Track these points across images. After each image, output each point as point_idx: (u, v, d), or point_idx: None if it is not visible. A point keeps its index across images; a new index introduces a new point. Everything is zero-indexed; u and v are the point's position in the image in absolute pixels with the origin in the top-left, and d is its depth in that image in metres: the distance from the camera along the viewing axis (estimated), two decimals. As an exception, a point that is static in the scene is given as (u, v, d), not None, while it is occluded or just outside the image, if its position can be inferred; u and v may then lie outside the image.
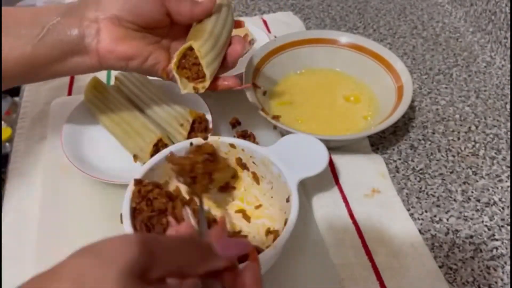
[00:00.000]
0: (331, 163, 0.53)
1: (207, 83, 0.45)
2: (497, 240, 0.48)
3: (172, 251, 0.25)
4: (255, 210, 0.47)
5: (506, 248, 0.47)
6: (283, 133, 0.53)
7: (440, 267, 0.45)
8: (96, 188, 0.51)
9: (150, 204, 0.42)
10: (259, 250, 0.42)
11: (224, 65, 0.47)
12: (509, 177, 0.54)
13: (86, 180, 0.51)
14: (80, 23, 0.42)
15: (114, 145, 0.54)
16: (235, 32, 0.50)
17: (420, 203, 0.51)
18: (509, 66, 0.68)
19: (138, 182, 0.43)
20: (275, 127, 0.56)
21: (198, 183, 0.43)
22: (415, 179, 0.54)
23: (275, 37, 0.65)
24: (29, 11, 0.43)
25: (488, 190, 0.53)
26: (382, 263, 0.45)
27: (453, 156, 0.56)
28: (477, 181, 0.54)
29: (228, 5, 0.49)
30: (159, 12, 0.44)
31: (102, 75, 0.66)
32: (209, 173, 0.44)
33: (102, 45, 0.43)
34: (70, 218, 0.49)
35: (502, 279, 0.45)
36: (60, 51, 0.42)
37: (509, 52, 0.68)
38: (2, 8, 0.43)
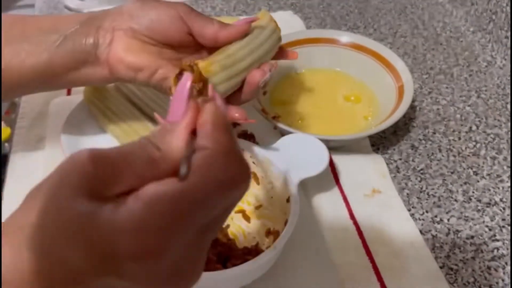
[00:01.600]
0: (331, 163, 0.53)
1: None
2: (498, 240, 0.48)
3: (126, 163, 0.22)
4: (255, 210, 0.47)
5: (507, 249, 0.47)
6: (283, 133, 0.53)
7: (440, 267, 0.45)
8: (96, 188, 0.51)
9: None
10: (258, 251, 0.42)
11: (242, 91, 0.44)
12: (510, 177, 0.54)
13: (85, 180, 0.51)
14: (96, 32, 0.42)
15: (113, 146, 0.54)
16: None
17: (421, 203, 0.51)
18: (510, 65, 0.68)
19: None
20: (275, 127, 0.56)
21: None
22: (416, 179, 0.54)
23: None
24: (51, 19, 0.44)
25: (489, 190, 0.52)
26: (382, 264, 0.45)
27: (454, 156, 0.56)
28: (478, 181, 0.53)
29: (272, 31, 0.46)
30: (179, 32, 0.42)
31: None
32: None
33: (112, 54, 0.42)
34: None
35: (503, 280, 0.44)
36: (74, 60, 0.42)
37: (510, 52, 0.68)
38: (27, 15, 0.44)
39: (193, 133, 0.24)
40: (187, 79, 0.25)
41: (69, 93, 0.64)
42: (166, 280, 0.22)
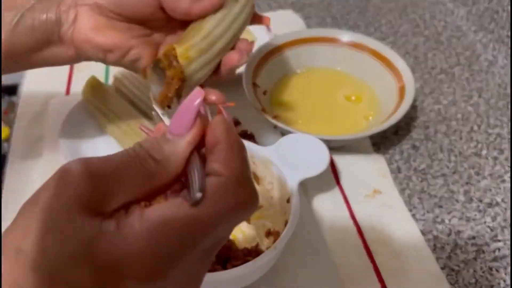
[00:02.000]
0: (332, 164, 0.53)
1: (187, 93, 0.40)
2: (499, 241, 0.47)
3: (122, 177, 0.21)
4: (255, 211, 0.47)
5: (509, 249, 0.47)
6: (283, 133, 0.52)
7: (442, 268, 0.45)
8: (95, 189, 0.50)
9: None
10: (258, 251, 0.42)
11: (217, 72, 0.42)
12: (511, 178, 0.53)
13: (84, 180, 0.50)
14: (57, 8, 0.39)
15: (112, 145, 0.54)
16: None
17: (422, 203, 0.51)
18: (511, 65, 0.68)
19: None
20: (275, 127, 0.56)
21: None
22: (417, 179, 0.53)
23: (275, 36, 0.65)
24: None
25: (491, 190, 0.52)
26: (383, 264, 0.44)
27: (455, 156, 0.56)
28: (479, 181, 0.53)
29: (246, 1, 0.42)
30: (149, 6, 0.39)
31: (100, 74, 0.66)
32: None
33: (78, 34, 0.39)
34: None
35: (504, 280, 0.44)
36: (35, 40, 0.39)
37: (511, 51, 0.68)
38: None
39: (196, 148, 0.24)
40: (197, 95, 0.24)
41: (68, 92, 0.63)
42: None
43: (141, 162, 0.22)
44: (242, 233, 0.45)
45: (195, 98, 0.24)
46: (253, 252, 0.43)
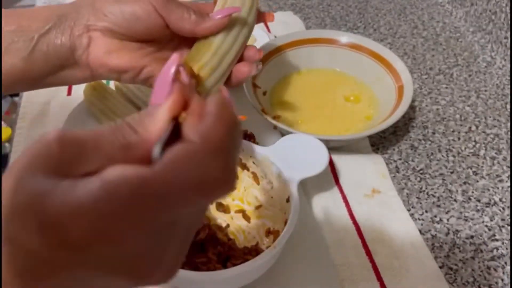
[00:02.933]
0: (331, 163, 0.53)
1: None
2: (497, 240, 0.48)
3: (98, 145, 0.20)
4: (255, 210, 0.47)
5: (507, 249, 0.47)
6: (283, 133, 0.53)
7: (440, 267, 0.45)
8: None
9: None
10: (258, 250, 0.43)
11: (228, 83, 0.43)
12: (510, 177, 0.54)
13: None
14: (71, 34, 0.40)
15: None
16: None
17: (421, 203, 0.51)
18: (509, 66, 0.68)
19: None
20: (275, 127, 0.56)
21: None
22: (416, 179, 0.54)
23: (275, 37, 0.65)
24: (14, 17, 0.40)
25: (489, 190, 0.52)
26: (382, 264, 0.45)
27: (454, 156, 0.56)
28: (477, 181, 0.53)
29: (250, 6, 0.42)
30: (155, 27, 0.40)
31: (102, 75, 0.66)
32: None
33: (92, 58, 0.40)
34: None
35: (502, 280, 0.44)
36: (51, 65, 0.40)
37: (509, 52, 0.68)
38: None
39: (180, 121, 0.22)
40: (174, 61, 0.23)
41: (69, 93, 0.64)
42: (132, 270, 0.21)
43: (120, 132, 0.21)
44: (242, 232, 0.46)
45: (170, 65, 0.23)
46: (253, 251, 0.44)
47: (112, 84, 0.60)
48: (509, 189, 0.52)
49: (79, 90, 0.57)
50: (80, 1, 0.41)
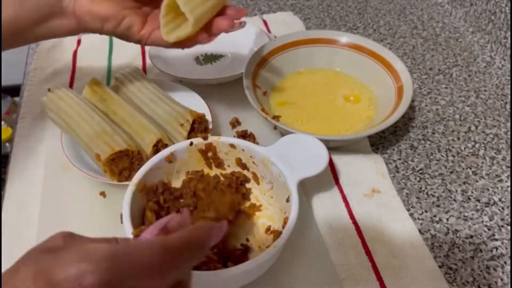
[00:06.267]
0: (331, 163, 0.53)
1: (190, 28, 0.43)
2: (497, 240, 0.48)
3: (137, 268, 0.23)
4: (255, 210, 0.47)
5: (506, 248, 0.47)
6: (283, 133, 0.53)
7: (440, 267, 0.45)
8: (96, 188, 0.51)
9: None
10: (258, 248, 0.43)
11: (208, 29, 0.46)
12: (509, 177, 0.54)
13: (86, 180, 0.51)
14: None
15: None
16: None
17: (420, 203, 0.51)
18: (509, 66, 0.68)
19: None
20: (275, 127, 0.56)
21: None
22: (415, 179, 0.54)
23: (275, 37, 0.65)
24: None
25: (488, 190, 0.53)
26: (382, 263, 0.45)
27: (453, 156, 0.56)
28: (477, 181, 0.54)
29: None
30: None
31: (102, 76, 0.67)
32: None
33: (78, 6, 0.45)
34: (70, 218, 0.49)
35: (502, 279, 0.45)
36: (40, 13, 0.45)
37: (509, 52, 0.68)
38: None
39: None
40: (160, 224, 0.28)
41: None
42: None
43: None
44: (242, 232, 0.46)
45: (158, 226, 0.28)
46: (253, 251, 0.44)
47: (112, 85, 0.60)
48: (509, 189, 0.53)
49: (79, 90, 0.57)
50: None
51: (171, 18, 0.45)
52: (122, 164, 0.48)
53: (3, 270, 0.23)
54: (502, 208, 0.51)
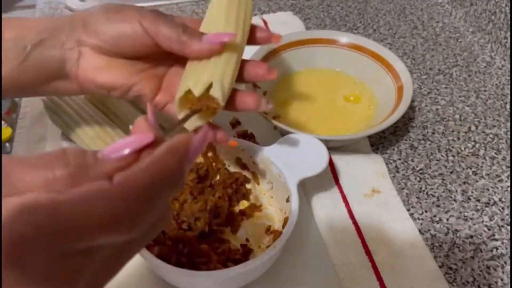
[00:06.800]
0: (331, 163, 0.53)
1: (219, 109, 0.38)
2: (497, 240, 0.48)
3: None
4: (255, 210, 0.47)
5: (506, 248, 0.47)
6: (283, 133, 0.53)
7: (440, 267, 0.45)
8: (96, 188, 0.51)
9: None
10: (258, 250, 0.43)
11: (231, 107, 0.41)
12: (509, 177, 0.54)
13: (86, 180, 0.51)
14: (62, 46, 0.40)
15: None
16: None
17: (420, 203, 0.51)
18: (509, 66, 0.68)
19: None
20: (275, 127, 0.56)
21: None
22: (415, 179, 0.54)
23: (275, 37, 0.65)
24: (14, 27, 0.40)
25: (488, 190, 0.53)
26: (382, 263, 0.45)
27: (453, 156, 0.56)
28: (477, 181, 0.54)
29: (243, 30, 0.41)
30: (144, 45, 0.40)
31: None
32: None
33: (81, 73, 0.41)
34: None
35: (502, 279, 0.45)
36: (42, 75, 0.41)
37: (509, 52, 0.68)
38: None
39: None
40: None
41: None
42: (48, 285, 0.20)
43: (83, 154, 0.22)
44: (242, 231, 0.46)
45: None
46: (253, 251, 0.44)
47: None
48: (509, 189, 0.53)
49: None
50: (76, 16, 0.41)
51: (185, 104, 0.38)
52: None
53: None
54: (502, 208, 0.51)
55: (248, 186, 0.49)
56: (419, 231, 0.48)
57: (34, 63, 0.40)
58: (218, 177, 0.48)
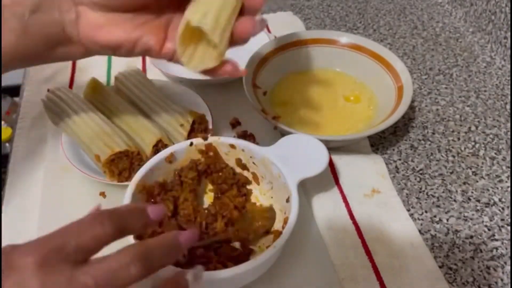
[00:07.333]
0: (331, 163, 0.53)
1: (219, 59, 0.38)
2: (497, 240, 0.48)
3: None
4: (256, 210, 0.47)
5: (506, 248, 0.47)
6: (283, 133, 0.53)
7: (440, 267, 0.45)
8: (96, 188, 0.51)
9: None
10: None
11: (231, 41, 0.39)
12: (509, 178, 0.54)
13: (86, 180, 0.51)
14: (59, 9, 0.38)
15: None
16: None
17: (420, 203, 0.51)
18: (509, 66, 0.68)
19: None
20: (275, 127, 0.56)
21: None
22: (415, 179, 0.54)
23: (275, 37, 0.65)
24: None
25: (488, 190, 0.53)
26: (382, 263, 0.45)
27: (453, 156, 0.56)
28: (477, 181, 0.54)
29: None
30: None
31: (102, 75, 0.67)
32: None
33: (83, 34, 0.39)
34: (70, 218, 0.49)
35: (502, 279, 0.45)
36: (45, 42, 0.39)
37: (509, 52, 0.68)
38: None
39: None
40: None
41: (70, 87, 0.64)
42: None
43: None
44: (242, 231, 0.46)
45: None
46: (253, 251, 0.44)
47: (112, 85, 0.60)
48: (509, 189, 0.53)
49: (79, 90, 0.57)
50: None
51: (188, 42, 0.38)
52: (121, 164, 0.48)
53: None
54: (502, 208, 0.51)
55: (248, 186, 0.49)
56: (419, 231, 0.48)
57: (34, 31, 0.39)
58: (221, 174, 0.48)
